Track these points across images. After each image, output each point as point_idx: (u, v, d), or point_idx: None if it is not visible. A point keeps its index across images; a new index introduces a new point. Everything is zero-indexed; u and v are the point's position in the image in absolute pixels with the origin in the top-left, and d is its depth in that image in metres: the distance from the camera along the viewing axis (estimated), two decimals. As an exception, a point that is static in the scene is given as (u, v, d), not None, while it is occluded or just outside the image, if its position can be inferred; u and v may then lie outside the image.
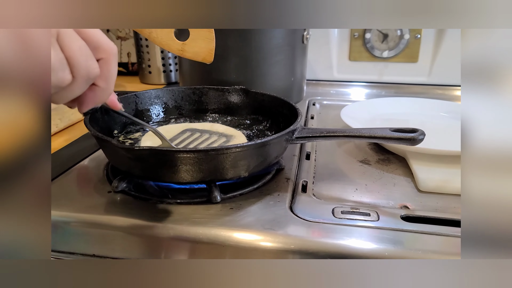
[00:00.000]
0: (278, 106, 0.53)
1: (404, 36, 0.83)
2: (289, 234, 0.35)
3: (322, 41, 0.87)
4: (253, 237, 0.35)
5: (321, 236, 0.35)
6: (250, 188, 0.42)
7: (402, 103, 0.70)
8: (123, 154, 0.38)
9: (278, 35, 0.64)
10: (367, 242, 0.34)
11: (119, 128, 0.51)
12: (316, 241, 0.34)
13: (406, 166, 0.50)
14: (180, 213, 0.38)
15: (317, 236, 0.35)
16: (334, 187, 0.45)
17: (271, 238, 0.35)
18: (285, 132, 0.41)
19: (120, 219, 0.37)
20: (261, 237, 0.35)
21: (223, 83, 0.58)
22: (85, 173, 0.47)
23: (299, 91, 0.75)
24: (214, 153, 0.37)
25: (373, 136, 0.40)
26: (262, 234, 0.35)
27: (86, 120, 0.43)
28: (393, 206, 0.41)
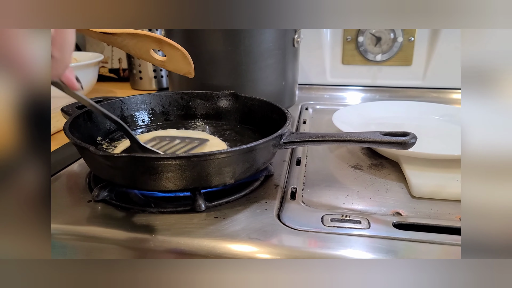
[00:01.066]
0: (267, 111, 0.52)
1: (398, 39, 0.82)
2: (275, 244, 0.33)
3: (314, 45, 0.86)
4: (238, 247, 0.33)
5: (309, 246, 0.33)
6: (237, 196, 0.40)
7: (396, 106, 0.69)
8: (102, 162, 0.36)
9: (268, 38, 0.63)
10: (357, 251, 0.32)
11: (103, 134, 0.50)
12: (304, 251, 0.33)
13: (399, 171, 0.48)
14: (162, 222, 0.36)
15: (305, 246, 0.33)
16: (325, 194, 0.43)
17: (257, 249, 0.33)
18: (272, 137, 0.39)
19: (99, 229, 0.36)
20: (246, 247, 0.33)
21: (212, 87, 0.57)
22: (67, 182, 0.45)
23: (291, 96, 0.74)
24: (196, 159, 0.35)
25: (363, 140, 0.39)
26: (247, 244, 0.34)
27: (66, 126, 0.41)
28: (385, 213, 0.39)
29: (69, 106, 0.50)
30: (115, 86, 0.98)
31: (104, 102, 0.52)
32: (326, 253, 0.32)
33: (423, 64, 0.83)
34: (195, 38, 0.63)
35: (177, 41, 0.45)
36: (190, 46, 0.63)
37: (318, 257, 0.32)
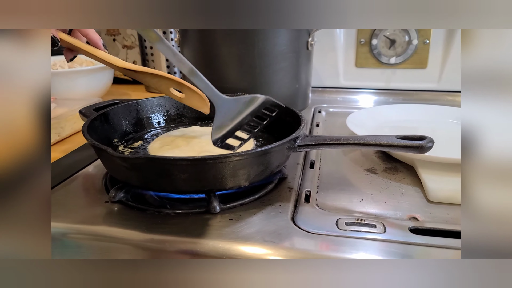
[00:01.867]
0: (281, 114, 0.52)
1: (412, 42, 0.81)
2: (290, 246, 0.33)
3: (327, 48, 0.86)
4: (253, 249, 0.33)
5: (324, 249, 0.33)
6: (251, 198, 0.41)
7: (410, 110, 0.68)
8: (119, 163, 0.37)
9: (282, 41, 0.63)
10: (372, 255, 0.32)
11: (119, 136, 0.51)
12: (319, 254, 0.33)
13: (414, 175, 0.48)
14: (178, 223, 0.37)
15: (319, 249, 0.33)
16: (339, 197, 0.43)
17: (271, 251, 0.33)
18: (287, 140, 0.39)
19: (115, 230, 0.36)
20: (261, 250, 0.33)
21: (226, 90, 0.57)
22: (84, 183, 0.46)
23: (304, 99, 0.74)
24: (212, 161, 0.35)
25: (378, 144, 0.38)
26: (262, 246, 0.34)
27: (84, 128, 0.42)
28: (400, 217, 0.39)
29: (87, 108, 0.50)
30: (129, 88, 0.99)
31: (120, 104, 0.53)
32: (341, 257, 0.32)
33: (439, 66, 0.83)
34: (210, 40, 0.63)
35: (192, 43, 0.46)
36: (205, 48, 0.64)
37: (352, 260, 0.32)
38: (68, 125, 0.62)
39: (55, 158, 0.53)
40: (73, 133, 0.64)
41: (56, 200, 0.42)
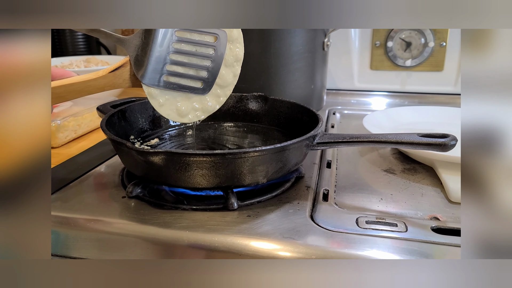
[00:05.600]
0: (297, 113, 0.52)
1: (429, 44, 0.80)
2: (310, 243, 0.33)
3: (342, 49, 0.85)
4: (271, 246, 0.33)
5: (345, 247, 0.32)
6: (268, 196, 0.40)
7: (427, 111, 0.67)
8: (138, 158, 0.37)
9: (298, 41, 0.63)
10: (394, 254, 0.31)
11: (136, 133, 0.51)
12: (340, 252, 0.32)
13: (434, 175, 0.47)
14: (195, 219, 0.36)
15: (340, 247, 0.32)
16: (357, 197, 0.42)
17: (290, 248, 0.33)
18: (306, 137, 0.39)
19: (133, 224, 0.36)
20: (280, 246, 0.33)
21: (242, 90, 0.57)
22: (101, 179, 0.46)
23: (319, 100, 0.73)
24: (231, 157, 0.35)
25: (399, 141, 0.38)
26: (281, 243, 0.33)
27: (103, 123, 0.42)
28: (421, 217, 0.38)
29: (104, 105, 0.51)
30: (143, 89, 0.99)
31: (136, 101, 0.53)
32: (363, 255, 0.31)
33: (455, 69, 0.81)
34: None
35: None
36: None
37: (354, 259, 0.31)
38: (84, 123, 0.63)
39: (71, 155, 0.54)
40: (89, 131, 0.64)
41: (72, 195, 0.42)
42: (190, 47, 0.38)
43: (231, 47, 0.39)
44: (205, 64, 0.39)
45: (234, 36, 0.39)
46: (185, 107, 0.40)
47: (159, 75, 0.38)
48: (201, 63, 0.39)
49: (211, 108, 0.41)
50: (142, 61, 0.37)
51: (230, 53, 0.39)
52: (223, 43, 0.38)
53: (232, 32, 0.39)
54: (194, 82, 0.39)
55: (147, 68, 0.37)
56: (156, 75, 0.38)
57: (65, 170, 0.49)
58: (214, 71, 0.39)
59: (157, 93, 0.39)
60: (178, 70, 0.38)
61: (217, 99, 0.41)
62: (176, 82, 0.39)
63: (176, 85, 0.39)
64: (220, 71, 0.39)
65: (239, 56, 0.40)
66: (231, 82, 0.41)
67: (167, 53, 0.37)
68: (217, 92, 0.41)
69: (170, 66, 0.38)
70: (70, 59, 0.87)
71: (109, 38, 0.38)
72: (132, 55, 0.38)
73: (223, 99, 0.41)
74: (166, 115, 0.40)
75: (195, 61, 0.38)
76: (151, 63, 0.37)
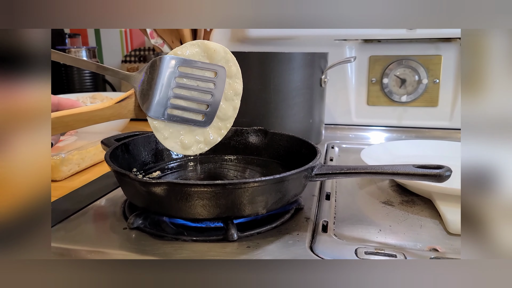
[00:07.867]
0: (296, 146, 0.53)
1: (422, 81, 0.83)
2: (309, 274, 0.33)
3: (339, 86, 0.88)
4: (271, 277, 0.33)
5: (344, 278, 0.32)
6: (268, 227, 0.40)
7: (424, 145, 0.68)
8: (140, 188, 0.37)
9: (297, 78, 0.66)
10: (394, 285, 0.31)
11: (138, 166, 0.52)
12: (339, 283, 0.32)
13: (432, 207, 0.47)
14: (195, 250, 0.37)
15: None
16: (356, 228, 0.43)
17: (290, 279, 0.33)
18: (304, 168, 0.40)
19: (133, 255, 0.36)
20: (279, 278, 0.33)
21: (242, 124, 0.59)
22: (102, 210, 0.47)
23: (317, 134, 0.75)
24: (231, 187, 0.36)
25: (396, 172, 0.39)
26: (280, 274, 0.33)
27: (107, 156, 0.43)
28: (421, 248, 0.38)
29: (108, 139, 0.52)
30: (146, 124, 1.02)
31: (140, 135, 0.55)
32: (363, 285, 0.31)
33: (450, 104, 0.84)
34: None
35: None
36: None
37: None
38: (88, 157, 0.64)
39: (74, 188, 0.54)
40: (92, 164, 0.65)
41: (74, 226, 0.42)
42: (192, 82, 0.40)
43: (230, 82, 0.42)
44: (206, 98, 0.41)
45: (233, 72, 0.41)
46: (188, 140, 0.42)
47: (163, 108, 0.40)
48: (203, 97, 0.41)
49: (213, 141, 0.42)
50: (147, 94, 0.39)
51: (229, 88, 0.42)
52: (223, 78, 0.41)
53: (231, 68, 0.41)
54: (196, 115, 0.41)
55: (152, 101, 0.39)
56: (160, 108, 0.40)
57: (67, 202, 0.49)
58: (214, 104, 0.41)
59: (162, 127, 0.41)
60: (181, 103, 0.40)
61: (218, 132, 0.42)
62: (179, 115, 0.40)
63: (179, 118, 0.40)
64: (220, 104, 0.41)
65: (238, 90, 0.42)
66: (231, 115, 0.43)
67: (170, 87, 0.39)
68: (218, 125, 0.42)
69: (174, 100, 0.40)
70: (77, 96, 0.90)
71: (116, 74, 0.40)
72: (137, 89, 0.40)
73: (224, 131, 0.43)
74: (170, 148, 0.41)
75: (197, 95, 0.40)
76: (156, 96, 0.39)
